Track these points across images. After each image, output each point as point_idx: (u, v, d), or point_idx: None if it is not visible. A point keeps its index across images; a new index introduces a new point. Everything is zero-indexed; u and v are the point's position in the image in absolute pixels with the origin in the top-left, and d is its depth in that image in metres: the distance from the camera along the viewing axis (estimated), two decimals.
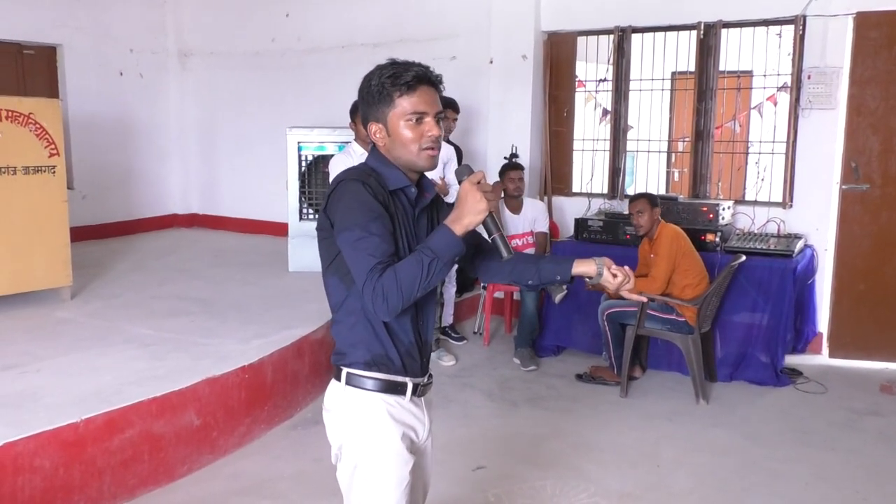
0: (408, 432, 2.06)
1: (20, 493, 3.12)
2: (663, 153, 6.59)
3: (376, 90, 1.96)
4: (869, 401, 4.85)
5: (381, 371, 2.01)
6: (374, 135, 2.01)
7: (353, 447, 2.02)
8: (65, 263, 5.41)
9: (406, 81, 1.93)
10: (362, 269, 1.84)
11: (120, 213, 8.49)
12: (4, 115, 4.99)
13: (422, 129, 1.95)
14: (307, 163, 6.57)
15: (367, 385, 2.01)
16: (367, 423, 2.01)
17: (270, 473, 3.85)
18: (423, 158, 1.98)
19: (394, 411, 2.02)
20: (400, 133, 1.96)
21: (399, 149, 1.97)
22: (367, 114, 2.02)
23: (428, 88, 1.97)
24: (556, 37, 6.59)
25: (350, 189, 1.92)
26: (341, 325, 2.04)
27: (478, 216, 1.84)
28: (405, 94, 1.93)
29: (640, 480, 3.80)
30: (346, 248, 1.89)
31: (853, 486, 3.76)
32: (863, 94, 5.43)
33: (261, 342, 4.51)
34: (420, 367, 2.10)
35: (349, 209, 1.89)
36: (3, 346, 4.48)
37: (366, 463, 2.01)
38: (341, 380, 2.03)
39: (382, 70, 1.96)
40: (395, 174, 2.01)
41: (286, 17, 8.14)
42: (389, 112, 1.96)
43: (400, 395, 2.04)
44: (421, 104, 1.95)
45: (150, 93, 8.79)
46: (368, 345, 2.00)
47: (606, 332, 5.01)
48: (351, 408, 2.02)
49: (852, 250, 5.56)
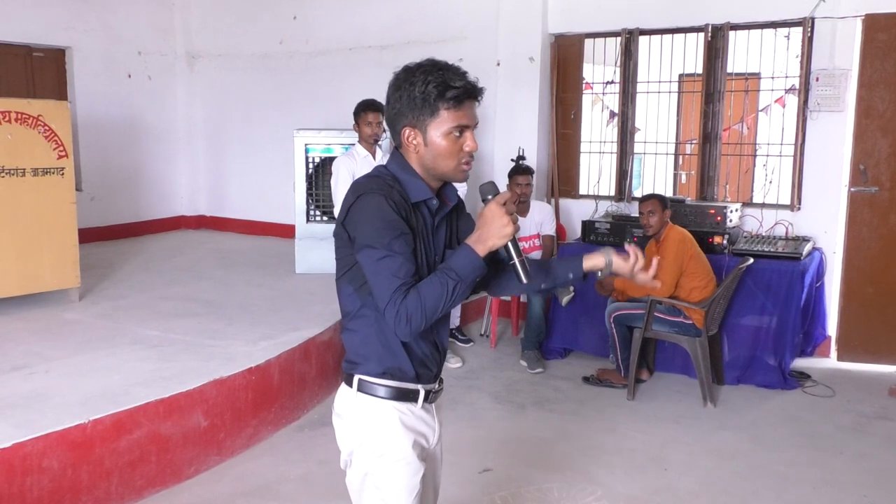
0: (419, 439, 2.04)
1: (28, 493, 3.13)
2: (671, 155, 6.57)
3: (420, 96, 1.87)
4: (877, 404, 4.83)
5: (393, 379, 1.99)
6: (408, 139, 1.93)
7: (364, 454, 2.00)
8: (73, 265, 5.43)
9: (455, 95, 1.86)
10: (385, 290, 1.80)
11: (128, 215, 8.52)
12: (13, 116, 5.01)
13: (461, 142, 1.91)
14: (314, 165, 6.58)
15: (379, 392, 1.98)
16: (379, 431, 1.99)
17: (277, 475, 3.85)
18: (459, 172, 1.94)
19: (405, 419, 2.00)
20: (438, 144, 1.90)
21: (434, 159, 1.92)
22: (402, 116, 1.92)
23: (471, 102, 1.91)
24: (563, 39, 6.59)
25: (372, 203, 1.85)
26: (353, 335, 2.01)
27: (502, 240, 1.81)
28: (452, 107, 1.87)
29: (647, 484, 3.79)
30: (368, 265, 1.84)
31: (861, 490, 3.74)
32: (871, 96, 5.41)
33: (268, 344, 4.52)
34: (433, 374, 2.08)
35: (371, 225, 1.84)
36: (12, 346, 4.50)
37: (376, 471, 1.99)
38: (353, 386, 2.01)
39: (429, 76, 1.87)
40: (417, 184, 1.95)
41: (294, 19, 8.16)
42: (431, 122, 1.89)
43: (412, 403, 2.01)
44: (465, 118, 1.90)
45: (159, 95, 8.82)
46: (381, 358, 1.97)
47: (613, 335, 5.00)
48: (363, 415, 2.00)
49: (861, 253, 5.54)
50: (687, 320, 4.82)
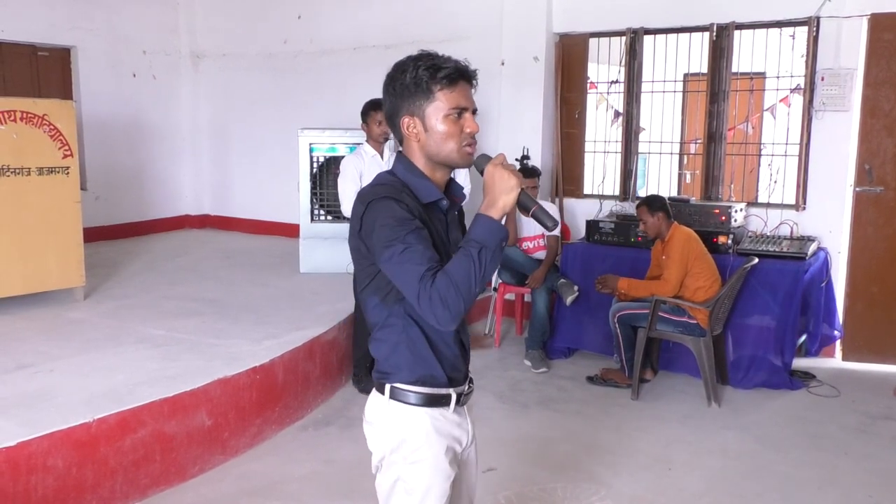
0: (451, 444, 2.00)
1: (33, 492, 3.14)
2: (675, 155, 6.56)
3: (412, 82, 1.86)
4: (882, 404, 4.81)
5: (425, 386, 1.96)
6: (407, 129, 1.91)
7: (396, 461, 1.97)
8: (78, 264, 5.44)
9: (447, 75, 1.85)
10: (412, 281, 1.74)
11: (132, 214, 8.54)
12: (19, 116, 5.02)
13: (461, 124, 1.89)
14: (319, 164, 6.59)
15: (412, 399, 1.95)
16: (411, 437, 1.96)
17: (281, 474, 3.86)
18: (462, 155, 1.90)
19: (438, 424, 1.97)
20: (438, 128, 1.88)
21: (436, 144, 1.89)
22: (399, 107, 1.91)
23: (466, 84, 1.89)
24: (567, 38, 6.58)
25: (382, 207, 1.83)
26: (383, 345, 1.97)
27: (511, 193, 1.77)
28: (445, 87, 1.86)
29: (651, 484, 3.78)
30: (391, 267, 1.79)
31: (866, 490, 3.73)
32: (877, 96, 5.40)
33: (272, 343, 4.52)
34: (463, 376, 2.05)
35: (385, 227, 1.80)
36: (17, 345, 4.51)
37: (407, 477, 1.96)
38: (384, 393, 1.97)
39: (418, 62, 1.87)
40: (426, 185, 1.93)
41: (298, 18, 8.17)
42: (427, 106, 1.87)
43: (444, 407, 1.98)
44: (462, 99, 1.88)
45: (163, 94, 8.83)
46: (412, 367, 1.94)
47: (618, 335, 4.99)
48: (395, 422, 1.97)
49: (866, 253, 5.53)
50: (691, 320, 4.81)
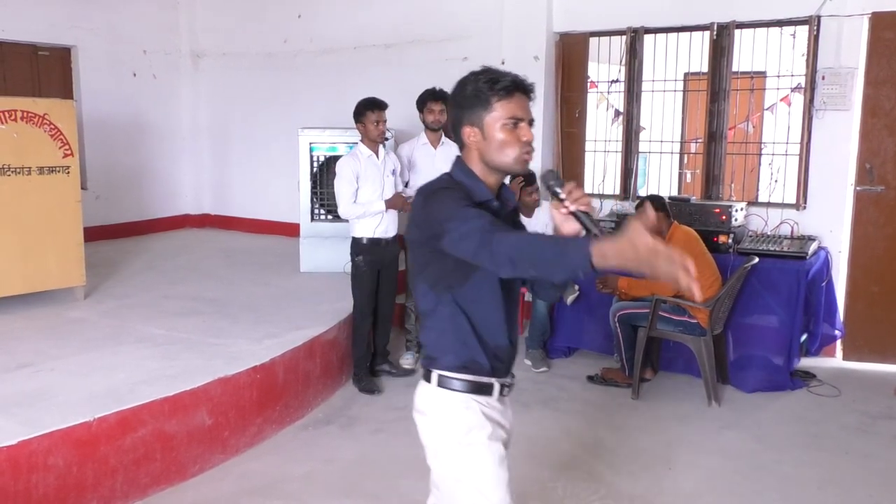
0: (497, 431, 2.09)
1: (34, 491, 3.14)
2: (676, 154, 6.56)
3: (472, 94, 2.01)
4: (883, 404, 4.81)
5: (470, 373, 2.06)
6: (469, 137, 2.05)
7: (451, 448, 2.06)
8: (78, 263, 5.44)
9: (504, 87, 1.99)
10: (475, 231, 1.81)
11: (133, 214, 8.54)
12: (19, 115, 5.02)
13: (517, 133, 2.00)
14: (319, 163, 6.58)
15: (457, 386, 2.06)
16: (463, 422, 2.05)
17: (281, 474, 3.86)
18: (518, 162, 2.01)
19: (486, 410, 2.07)
20: (495, 137, 2.00)
21: (493, 152, 2.01)
22: (462, 117, 2.05)
23: (522, 96, 2.03)
24: (568, 38, 6.57)
25: (443, 194, 1.97)
26: (431, 332, 2.11)
27: (664, 277, 1.56)
28: (502, 99, 1.99)
29: (651, 483, 3.78)
30: (456, 243, 1.86)
31: (866, 490, 3.73)
32: (878, 95, 5.39)
33: (272, 342, 4.53)
34: (506, 368, 2.15)
35: (447, 207, 1.91)
36: (17, 344, 4.51)
37: (465, 462, 2.05)
38: (432, 381, 2.09)
39: (478, 76, 2.03)
40: (478, 187, 2.04)
41: (298, 18, 8.16)
42: (486, 116, 2.00)
43: (488, 396, 2.09)
44: (518, 109, 2.00)
45: (163, 94, 8.83)
46: (457, 352, 2.05)
47: (618, 334, 4.99)
48: (446, 409, 2.07)
49: (866, 252, 5.53)
50: (692, 319, 4.81)
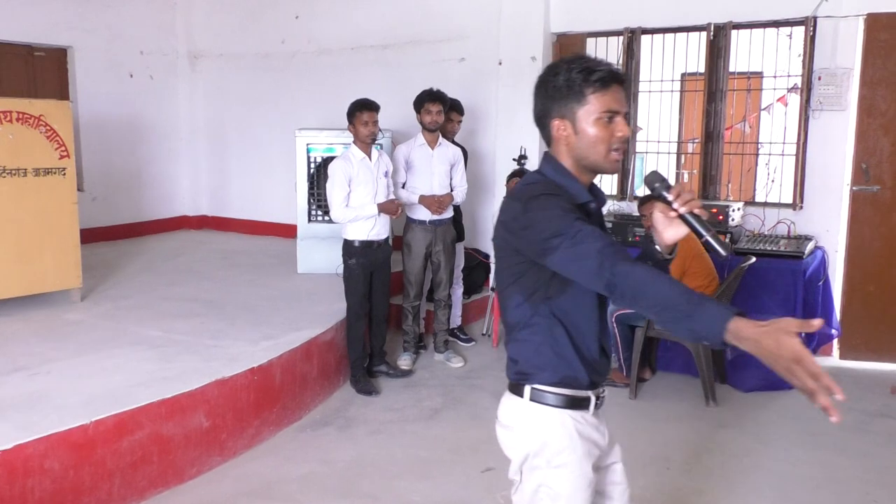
0: (591, 449, 1.99)
1: (30, 494, 3.13)
2: (673, 154, 6.57)
3: (564, 84, 1.84)
4: (879, 403, 4.82)
5: (568, 388, 1.94)
6: (557, 131, 1.89)
7: (538, 465, 1.95)
8: (75, 265, 5.43)
9: (600, 77, 1.82)
10: (590, 254, 1.66)
11: (129, 215, 8.52)
12: (15, 116, 5.01)
13: (612, 128, 1.85)
14: (316, 165, 6.58)
15: (552, 401, 1.94)
16: (555, 441, 1.94)
17: (279, 475, 3.85)
18: (610, 161, 1.88)
19: (580, 428, 1.95)
20: (588, 132, 1.85)
21: (585, 148, 1.87)
22: (550, 109, 1.89)
23: (619, 87, 1.85)
24: (565, 38, 6.58)
25: (543, 203, 1.80)
26: (525, 345, 1.96)
27: (776, 362, 1.49)
28: (598, 90, 1.83)
29: (649, 482, 3.78)
30: (562, 254, 1.72)
31: (863, 488, 3.74)
32: (873, 95, 5.40)
33: (270, 344, 4.52)
34: (602, 379, 2.03)
35: (550, 220, 1.75)
36: (14, 347, 4.50)
37: (552, 482, 1.93)
38: (524, 396, 1.97)
39: (571, 64, 1.85)
40: (577, 187, 1.90)
41: (296, 18, 8.15)
42: (579, 109, 1.84)
43: (584, 410, 1.97)
44: (614, 102, 1.84)
45: (160, 94, 8.82)
46: (556, 367, 1.93)
47: (616, 334, 5.00)
48: (537, 425, 1.96)
49: (863, 252, 5.54)
50: None
